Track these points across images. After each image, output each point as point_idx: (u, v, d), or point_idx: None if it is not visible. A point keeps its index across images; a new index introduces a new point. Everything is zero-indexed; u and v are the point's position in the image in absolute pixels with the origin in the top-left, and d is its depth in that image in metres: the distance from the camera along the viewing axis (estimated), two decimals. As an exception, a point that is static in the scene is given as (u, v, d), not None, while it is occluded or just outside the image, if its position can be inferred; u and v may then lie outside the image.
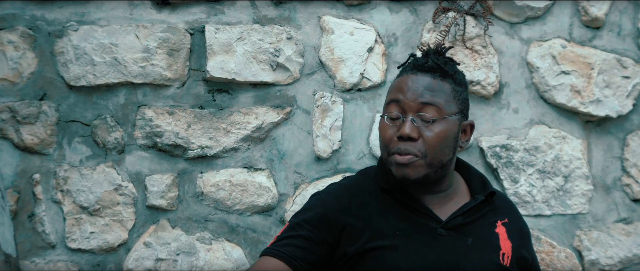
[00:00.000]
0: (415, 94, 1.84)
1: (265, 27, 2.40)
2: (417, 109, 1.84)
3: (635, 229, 2.61)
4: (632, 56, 2.62)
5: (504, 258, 1.91)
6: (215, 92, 2.39)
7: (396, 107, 1.86)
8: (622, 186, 2.62)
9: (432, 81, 1.87)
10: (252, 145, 2.40)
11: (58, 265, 2.31)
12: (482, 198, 1.94)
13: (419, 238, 1.87)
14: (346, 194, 1.93)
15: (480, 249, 1.90)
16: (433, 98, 1.84)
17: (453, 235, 1.89)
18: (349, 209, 1.89)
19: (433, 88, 1.86)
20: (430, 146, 1.84)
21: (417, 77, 1.87)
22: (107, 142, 2.34)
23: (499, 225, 1.95)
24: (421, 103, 1.83)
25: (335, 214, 1.89)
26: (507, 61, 2.54)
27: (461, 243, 1.89)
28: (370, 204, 1.91)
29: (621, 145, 2.62)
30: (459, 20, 2.47)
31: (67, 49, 2.31)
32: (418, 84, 1.86)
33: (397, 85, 1.89)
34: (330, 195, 1.93)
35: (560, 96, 2.55)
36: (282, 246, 1.86)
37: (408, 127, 1.83)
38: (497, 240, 1.93)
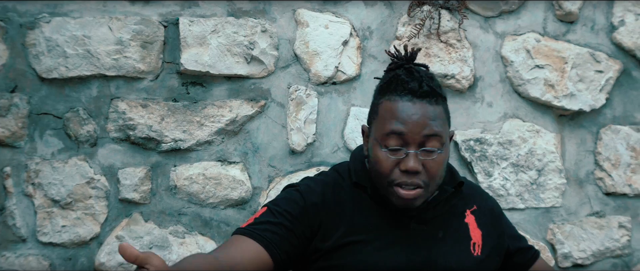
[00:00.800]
0: (418, 126, 1.79)
1: (240, 20, 2.39)
2: (421, 141, 1.80)
3: (607, 223, 2.63)
4: (606, 51, 2.63)
5: (475, 248, 1.92)
6: (189, 85, 2.38)
7: (398, 139, 1.80)
8: (595, 180, 2.64)
9: (430, 108, 1.81)
10: (226, 138, 2.39)
11: (29, 259, 2.28)
12: (452, 190, 1.94)
13: (391, 233, 1.88)
14: (323, 190, 1.92)
15: (450, 241, 1.91)
16: (435, 129, 1.80)
17: (424, 228, 1.89)
18: (326, 206, 1.89)
19: (433, 117, 1.81)
20: (433, 176, 1.82)
21: (414, 105, 1.81)
22: (80, 135, 2.31)
23: (468, 214, 1.96)
24: (425, 135, 1.80)
25: (314, 209, 1.88)
26: (481, 54, 2.55)
27: (432, 236, 1.90)
28: (345, 200, 1.91)
29: (594, 139, 2.64)
30: (433, 13, 2.48)
31: (39, 41, 2.28)
32: (419, 114, 1.80)
33: (395, 113, 1.82)
34: (310, 190, 1.92)
35: (534, 90, 2.56)
36: (261, 230, 1.83)
37: (413, 162, 1.78)
38: (466, 230, 1.94)
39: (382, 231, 1.88)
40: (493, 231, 1.98)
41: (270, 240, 1.83)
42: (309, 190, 1.92)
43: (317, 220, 1.88)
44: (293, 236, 1.85)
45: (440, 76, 2.50)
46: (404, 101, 1.82)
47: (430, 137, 1.79)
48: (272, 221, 1.86)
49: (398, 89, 1.84)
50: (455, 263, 1.88)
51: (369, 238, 1.86)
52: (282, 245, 1.84)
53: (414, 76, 1.86)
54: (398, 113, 1.81)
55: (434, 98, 1.83)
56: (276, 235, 1.84)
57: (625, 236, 2.64)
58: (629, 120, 2.66)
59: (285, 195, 1.93)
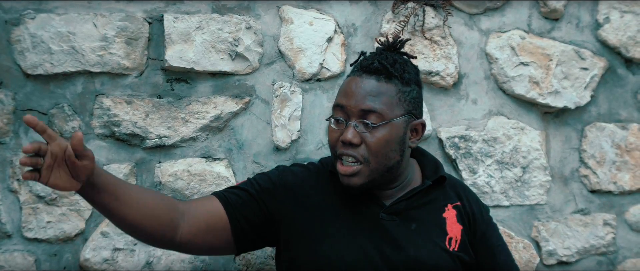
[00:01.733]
0: (358, 100, 1.85)
1: (225, 16, 2.39)
2: (359, 115, 1.85)
3: (592, 220, 2.64)
4: (591, 48, 2.64)
5: (451, 243, 1.93)
6: (173, 81, 2.38)
7: (341, 112, 1.88)
8: (579, 177, 2.65)
9: (376, 84, 1.87)
10: (210, 135, 2.40)
11: (14, 254, 2.29)
12: (429, 183, 1.95)
13: (361, 223, 1.89)
14: (303, 176, 1.99)
15: (424, 234, 1.91)
16: (374, 104, 1.85)
17: (396, 220, 1.90)
18: (300, 189, 1.95)
19: (376, 93, 1.86)
20: (372, 151, 1.86)
21: (361, 80, 1.88)
22: (65, 131, 2.32)
23: (449, 209, 1.97)
24: (362, 110, 1.85)
25: (284, 187, 1.95)
26: (466, 52, 2.55)
27: (404, 228, 1.91)
28: (321, 190, 1.94)
29: (579, 136, 2.65)
30: (418, 10, 2.48)
31: (24, 37, 2.29)
32: (361, 88, 1.87)
33: (343, 88, 1.91)
34: (290, 172, 2.00)
35: (519, 87, 2.56)
36: (229, 192, 1.95)
37: (350, 133, 1.85)
38: (444, 224, 1.94)
39: (351, 221, 1.90)
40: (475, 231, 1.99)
41: (232, 201, 1.93)
42: (289, 171, 2.01)
43: (287, 199, 1.92)
44: (255, 203, 1.93)
45: (424, 73, 2.50)
46: (354, 76, 1.91)
47: (368, 112, 1.85)
48: (242, 187, 1.97)
49: (355, 67, 1.94)
50: (426, 256, 1.88)
51: (339, 228, 1.89)
52: (241, 208, 1.92)
53: (376, 56, 1.91)
54: (345, 87, 1.91)
55: (384, 75, 1.87)
56: (239, 198, 1.94)
57: (610, 233, 2.65)
58: (614, 118, 2.67)
59: (269, 171, 2.05)
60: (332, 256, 1.87)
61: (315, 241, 1.90)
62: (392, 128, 1.87)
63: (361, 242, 1.88)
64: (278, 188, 1.96)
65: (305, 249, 1.90)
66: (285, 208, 1.94)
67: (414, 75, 1.95)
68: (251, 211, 1.94)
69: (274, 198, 1.95)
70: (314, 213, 1.93)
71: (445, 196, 2.00)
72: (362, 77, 1.89)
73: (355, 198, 1.92)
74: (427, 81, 2.52)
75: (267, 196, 1.95)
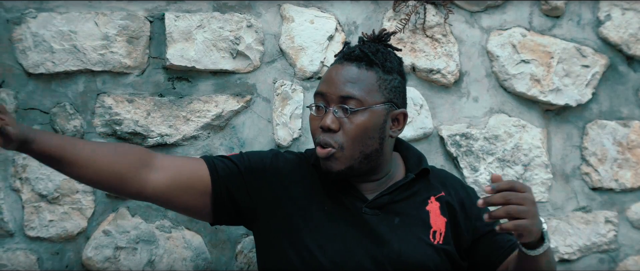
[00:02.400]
0: (337, 86, 1.87)
1: (226, 15, 2.40)
2: (338, 101, 1.87)
3: (594, 218, 2.64)
4: (592, 45, 2.63)
5: (435, 236, 1.92)
6: (175, 80, 2.39)
7: (321, 99, 1.90)
8: (581, 175, 2.64)
9: (357, 71, 1.89)
10: (212, 133, 2.40)
11: (16, 253, 2.30)
12: (412, 177, 1.96)
13: (343, 217, 1.90)
14: (294, 163, 2.00)
15: (407, 228, 1.91)
16: (353, 91, 1.86)
17: (379, 214, 1.91)
18: (288, 177, 1.96)
19: (355, 79, 1.88)
20: (349, 137, 1.87)
21: (342, 67, 1.90)
22: (66, 130, 2.32)
23: (432, 201, 1.97)
24: (341, 96, 1.87)
25: (274, 171, 1.96)
26: (467, 49, 2.55)
27: (387, 223, 1.91)
28: (306, 179, 1.97)
29: (580, 134, 2.64)
30: (419, 8, 2.48)
31: (26, 36, 2.30)
32: (341, 75, 1.88)
33: (325, 76, 1.93)
34: (282, 157, 2.01)
35: (520, 85, 2.56)
36: (218, 160, 1.97)
37: (329, 119, 1.87)
38: (427, 217, 1.94)
39: (336, 214, 1.91)
40: (462, 221, 1.98)
41: (218, 167, 1.94)
42: (282, 157, 2.02)
43: (273, 184, 1.95)
44: (241, 180, 1.94)
45: (425, 71, 2.50)
46: (335, 64, 1.93)
47: (347, 98, 1.87)
48: (232, 159, 1.97)
49: (339, 55, 1.96)
50: (410, 250, 1.88)
51: (322, 220, 1.90)
52: (226, 179, 1.93)
53: (358, 45, 1.93)
54: (326, 75, 1.93)
55: (365, 62, 1.90)
56: (227, 168, 1.94)
57: (612, 231, 2.64)
58: (616, 115, 2.66)
59: (262, 151, 2.08)
60: (312, 247, 1.87)
61: (296, 230, 1.90)
62: (371, 115, 1.88)
63: (344, 236, 1.89)
64: (268, 170, 1.97)
65: (286, 237, 1.91)
66: (270, 195, 1.95)
67: (396, 65, 1.96)
68: (235, 184, 1.94)
69: (262, 179, 1.95)
70: (298, 202, 1.94)
71: (429, 189, 1.99)
72: (343, 65, 1.90)
73: (339, 192, 1.93)
74: (428, 79, 2.52)
75: (255, 176, 1.95)
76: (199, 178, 1.93)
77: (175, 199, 1.93)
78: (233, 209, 1.97)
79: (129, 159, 1.86)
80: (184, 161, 1.99)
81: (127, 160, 1.86)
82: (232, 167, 1.95)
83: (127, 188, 1.89)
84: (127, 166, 1.85)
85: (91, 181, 1.89)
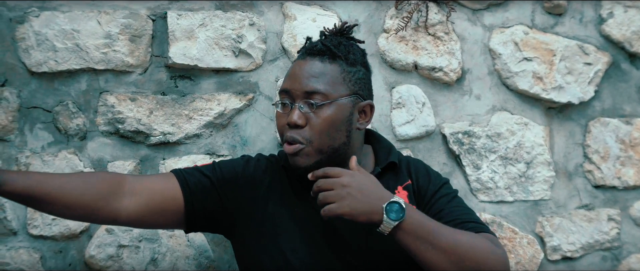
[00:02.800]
0: (301, 82, 1.87)
1: (228, 13, 2.40)
2: (304, 96, 1.87)
3: (596, 215, 2.63)
4: (594, 43, 2.63)
5: None
6: (177, 78, 2.39)
7: (286, 96, 1.90)
8: (583, 173, 2.64)
9: (320, 65, 1.89)
10: (214, 131, 2.40)
11: (20, 251, 2.30)
12: (379, 170, 1.96)
13: (312, 218, 1.90)
14: (265, 169, 2.00)
15: None
16: (317, 85, 1.87)
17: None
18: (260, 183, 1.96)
19: (319, 73, 1.88)
20: (316, 131, 1.87)
21: (305, 62, 1.90)
22: (69, 128, 2.33)
23: (399, 191, 1.96)
24: (306, 92, 1.87)
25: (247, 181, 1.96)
26: (469, 47, 2.55)
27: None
28: (277, 183, 1.97)
29: (583, 132, 2.64)
30: (421, 6, 2.48)
31: (29, 35, 2.30)
32: (304, 70, 1.89)
33: (289, 72, 1.93)
34: (253, 164, 2.01)
35: (523, 83, 2.56)
36: (190, 175, 1.95)
37: (295, 115, 1.88)
38: None
39: (306, 214, 1.91)
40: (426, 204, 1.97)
41: (190, 184, 1.92)
42: (253, 163, 2.01)
43: (246, 193, 1.94)
44: (215, 193, 1.93)
45: (428, 68, 2.50)
46: (298, 60, 1.93)
47: (312, 93, 1.87)
48: (204, 173, 1.96)
49: (302, 50, 1.96)
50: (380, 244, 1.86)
51: (293, 223, 1.91)
52: (199, 195, 1.92)
53: (320, 39, 1.93)
54: (291, 72, 1.92)
55: (328, 56, 1.90)
56: (199, 183, 1.93)
57: (615, 229, 2.64)
58: (618, 113, 2.66)
59: (233, 160, 2.05)
60: (285, 250, 1.88)
61: (268, 235, 1.91)
62: (337, 108, 1.88)
63: (314, 235, 1.89)
64: (240, 179, 1.96)
65: (259, 243, 1.92)
66: (244, 203, 1.94)
67: (359, 57, 1.96)
68: (209, 199, 1.94)
69: (234, 190, 1.95)
70: (269, 207, 1.94)
71: (397, 179, 1.99)
72: (306, 60, 1.90)
73: (307, 191, 1.93)
74: (430, 77, 2.52)
75: (228, 187, 1.95)
76: (172, 198, 1.92)
77: (150, 221, 1.95)
78: (207, 221, 1.98)
79: (98, 190, 1.85)
80: (155, 182, 1.95)
81: (96, 191, 1.85)
82: (205, 181, 1.95)
83: (100, 217, 1.89)
84: (96, 197, 1.84)
85: (63, 215, 1.90)
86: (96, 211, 1.86)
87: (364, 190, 1.75)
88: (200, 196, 1.92)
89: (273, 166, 2.02)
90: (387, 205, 1.74)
